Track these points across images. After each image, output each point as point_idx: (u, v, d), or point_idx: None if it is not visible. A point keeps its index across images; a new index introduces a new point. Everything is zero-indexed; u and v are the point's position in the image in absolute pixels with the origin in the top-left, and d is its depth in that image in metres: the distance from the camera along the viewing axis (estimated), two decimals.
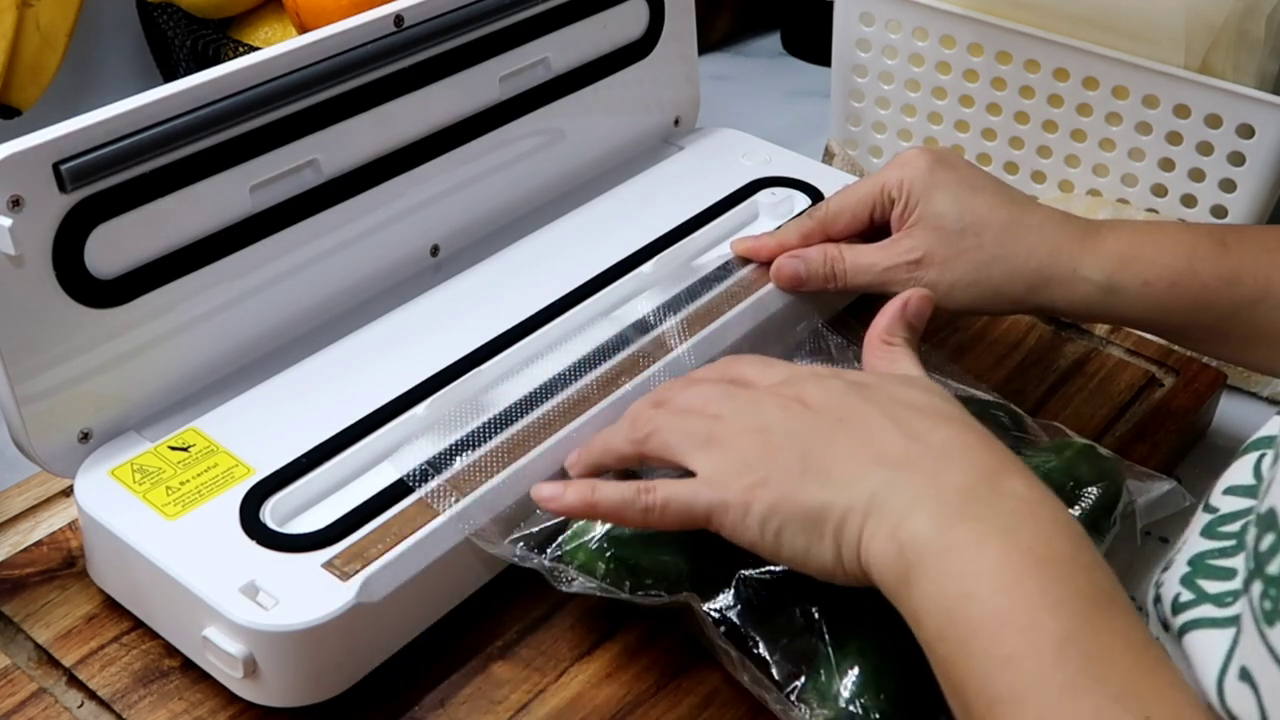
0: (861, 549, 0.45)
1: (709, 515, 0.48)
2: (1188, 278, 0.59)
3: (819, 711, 0.49)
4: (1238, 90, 0.76)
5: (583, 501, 0.51)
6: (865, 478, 0.46)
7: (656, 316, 0.64)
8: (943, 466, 0.46)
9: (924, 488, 0.45)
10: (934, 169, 0.63)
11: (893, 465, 0.46)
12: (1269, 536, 0.36)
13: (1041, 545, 0.42)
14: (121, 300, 0.56)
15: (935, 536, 0.43)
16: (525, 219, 0.72)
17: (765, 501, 0.47)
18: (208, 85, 0.56)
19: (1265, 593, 0.35)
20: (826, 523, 0.46)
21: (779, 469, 0.47)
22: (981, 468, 0.45)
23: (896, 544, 0.44)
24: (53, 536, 0.59)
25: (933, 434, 0.47)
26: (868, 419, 0.48)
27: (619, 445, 0.53)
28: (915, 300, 0.56)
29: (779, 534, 0.47)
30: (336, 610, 0.49)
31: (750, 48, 1.17)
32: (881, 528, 0.45)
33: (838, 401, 0.49)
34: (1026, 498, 0.44)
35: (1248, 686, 0.37)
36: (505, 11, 0.67)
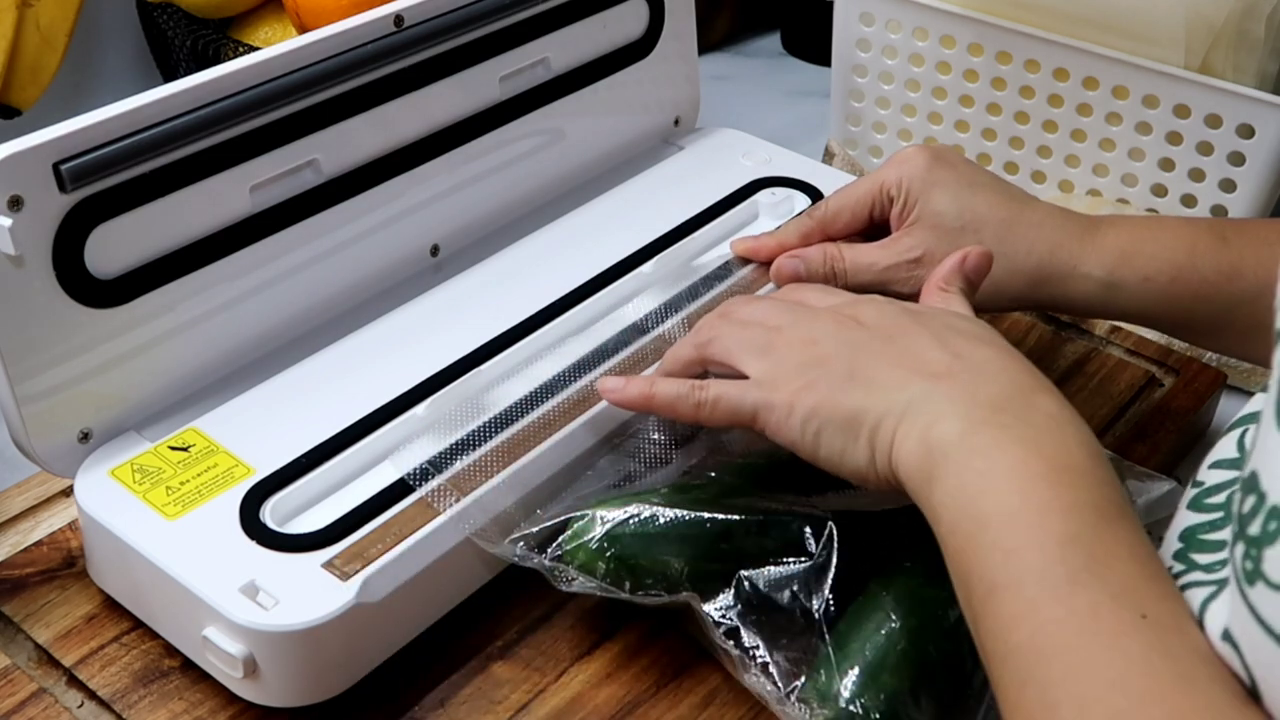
0: (893, 450, 0.47)
1: (755, 414, 0.51)
2: (1188, 272, 0.59)
3: (819, 711, 0.49)
4: (1238, 90, 0.76)
5: (641, 394, 0.54)
6: (904, 386, 0.48)
7: (656, 316, 0.64)
8: (979, 380, 0.48)
9: (958, 397, 0.47)
10: (933, 167, 0.63)
11: (932, 376, 0.48)
12: (1250, 498, 0.36)
13: (1061, 455, 0.44)
14: (121, 300, 0.56)
15: (961, 438, 0.45)
16: (525, 219, 0.72)
17: (808, 403, 0.49)
18: (208, 85, 0.56)
19: (1246, 553, 0.36)
20: (863, 425, 0.48)
21: (825, 375, 0.50)
22: (1016, 384, 0.47)
23: (924, 445, 0.46)
24: (53, 536, 0.59)
25: (974, 353, 0.49)
26: (916, 336, 0.50)
27: (684, 350, 0.56)
28: (975, 255, 0.57)
29: (818, 434, 0.49)
30: (336, 610, 0.49)
31: (750, 48, 1.17)
32: (913, 431, 0.47)
33: (890, 320, 0.52)
34: (1054, 414, 0.46)
35: (1229, 647, 0.37)
36: (505, 11, 0.67)
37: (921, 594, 0.51)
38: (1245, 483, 0.37)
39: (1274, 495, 0.35)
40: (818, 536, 0.52)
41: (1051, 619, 0.39)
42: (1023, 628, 0.40)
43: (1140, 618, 0.38)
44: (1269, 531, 0.35)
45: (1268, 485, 0.36)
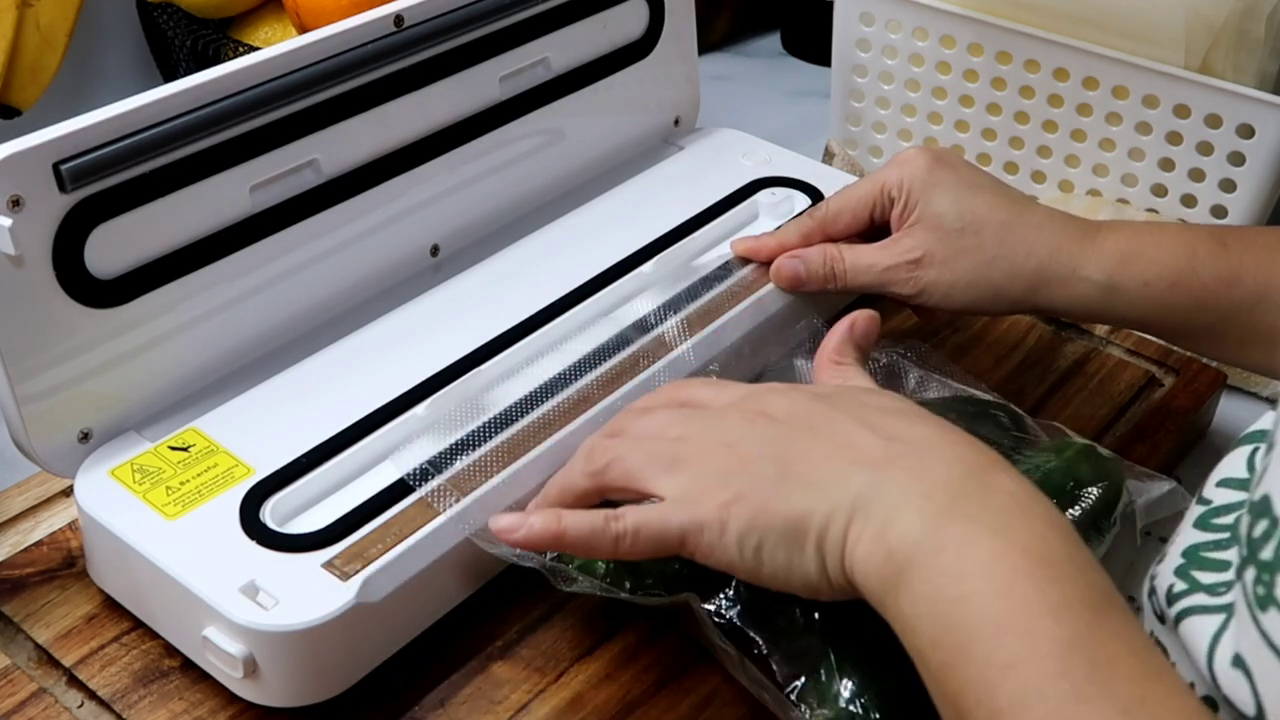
0: (846, 555, 0.43)
1: (683, 539, 0.46)
2: (1188, 277, 0.59)
3: (819, 711, 0.49)
4: (1238, 90, 0.76)
5: (548, 532, 0.48)
6: (847, 479, 0.44)
7: (657, 316, 0.64)
8: (927, 462, 0.44)
9: (910, 484, 0.43)
10: (933, 168, 0.63)
11: (874, 465, 0.44)
12: (1262, 523, 0.36)
13: (1037, 544, 0.41)
14: (121, 300, 0.56)
15: (925, 536, 0.42)
16: (525, 219, 0.72)
17: (742, 517, 0.45)
18: (208, 85, 0.56)
19: (1258, 578, 0.35)
20: (808, 532, 0.44)
21: (753, 480, 0.45)
22: (967, 463, 0.44)
23: (884, 546, 0.42)
24: (53, 536, 0.59)
25: (910, 431, 0.46)
26: (839, 423, 0.46)
27: (576, 481, 0.50)
28: (862, 321, 0.55)
29: (759, 550, 0.45)
30: (336, 610, 0.49)
31: (750, 48, 1.17)
32: (867, 530, 0.43)
33: (805, 410, 0.48)
34: (1016, 494, 0.43)
35: (1240, 672, 0.37)
36: (505, 11, 0.67)
37: None
38: (1255, 506, 0.37)
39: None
40: None
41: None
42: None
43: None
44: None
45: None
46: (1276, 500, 0.35)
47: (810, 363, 0.62)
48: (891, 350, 0.64)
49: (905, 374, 0.63)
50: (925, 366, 0.63)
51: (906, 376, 0.63)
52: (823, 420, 0.47)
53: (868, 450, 0.45)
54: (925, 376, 0.62)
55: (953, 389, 0.62)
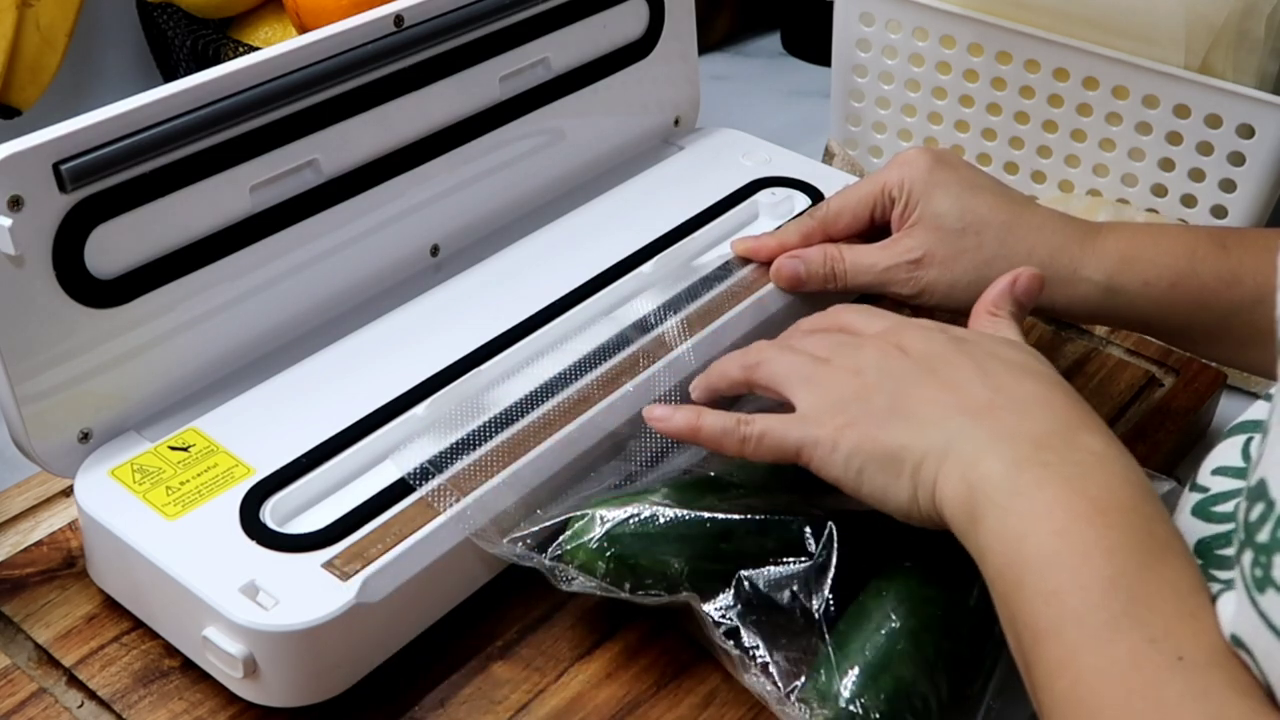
0: (936, 490, 0.47)
1: (799, 449, 0.50)
2: (1188, 278, 0.59)
3: (819, 711, 0.49)
4: (1238, 90, 0.76)
5: (688, 425, 0.53)
6: (946, 423, 0.48)
7: (657, 316, 0.64)
8: (1021, 416, 0.47)
9: (1000, 434, 0.47)
10: (934, 169, 0.63)
11: (974, 413, 0.48)
12: (1258, 506, 0.36)
13: (1105, 494, 0.43)
14: (121, 300, 0.56)
15: (1004, 478, 0.45)
16: (525, 219, 0.72)
17: (851, 440, 0.49)
18: (208, 85, 0.56)
19: (1255, 560, 0.36)
20: (905, 463, 0.48)
21: (867, 411, 0.50)
22: (1059, 420, 0.47)
23: (967, 484, 0.46)
24: (53, 536, 0.59)
25: (1018, 387, 0.49)
26: (958, 368, 0.50)
27: (732, 370, 0.56)
28: (1025, 278, 0.56)
29: (861, 471, 0.49)
30: (336, 610, 0.49)
31: (750, 48, 1.17)
32: (955, 470, 0.46)
33: (935, 350, 0.51)
34: (1099, 451, 0.46)
35: (1242, 652, 0.37)
36: (505, 11, 0.67)
37: (921, 594, 0.51)
38: (1252, 490, 0.37)
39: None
40: (818, 536, 0.52)
41: (1091, 668, 0.39)
42: (1065, 676, 0.40)
43: (1177, 660, 0.38)
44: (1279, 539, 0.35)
45: (1276, 494, 0.36)
46: (1273, 484, 0.36)
47: None
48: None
49: None
50: None
51: None
52: (944, 361, 0.50)
53: (973, 398, 0.48)
54: None
55: None
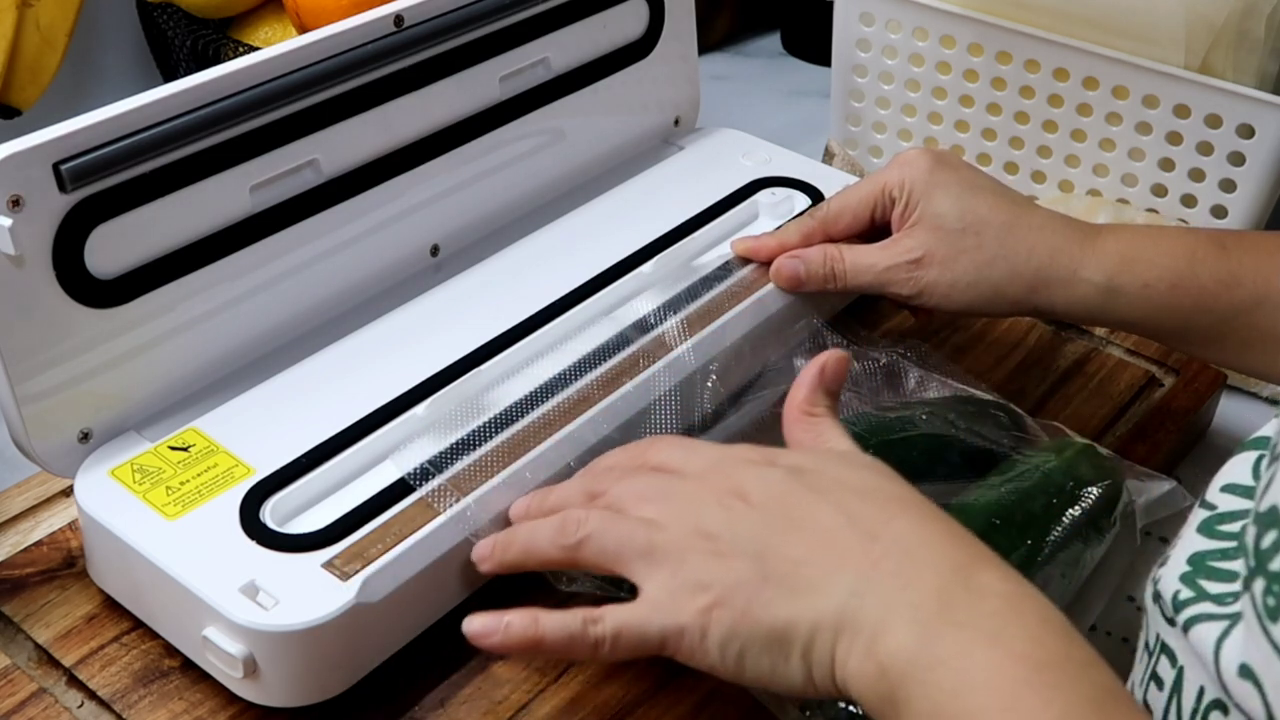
0: (836, 668, 0.42)
1: (663, 643, 0.45)
2: (1188, 280, 0.59)
3: (819, 712, 0.49)
4: (1238, 90, 0.76)
5: (526, 638, 0.46)
6: (830, 588, 0.43)
7: (656, 316, 0.64)
8: (909, 566, 0.43)
9: (894, 594, 0.42)
10: (935, 169, 0.63)
11: (856, 569, 0.43)
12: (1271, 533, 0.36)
13: (1034, 648, 0.40)
14: (121, 300, 0.56)
15: (918, 651, 0.40)
16: (525, 219, 0.72)
17: (724, 623, 0.44)
18: (208, 85, 0.56)
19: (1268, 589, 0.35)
20: (793, 642, 0.43)
21: (734, 583, 0.44)
22: (951, 562, 0.43)
23: (875, 663, 0.41)
24: (53, 536, 0.59)
25: (889, 527, 0.44)
26: (815, 511, 0.45)
27: (546, 550, 0.49)
28: (832, 364, 0.52)
29: (741, 657, 0.44)
30: (336, 610, 0.49)
31: (750, 48, 1.17)
32: (856, 645, 0.42)
33: (781, 492, 0.46)
34: (1005, 593, 0.42)
35: (1251, 684, 0.37)
36: (505, 11, 0.67)
37: None
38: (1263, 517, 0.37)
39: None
40: None
41: None
42: None
43: None
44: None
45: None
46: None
47: (805, 363, 0.62)
48: (891, 350, 0.64)
49: (905, 374, 0.63)
50: (925, 366, 0.63)
51: (906, 376, 0.63)
52: (802, 508, 0.45)
53: (849, 550, 0.44)
54: (925, 376, 0.63)
55: (953, 389, 0.62)
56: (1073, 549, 0.55)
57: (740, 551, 0.45)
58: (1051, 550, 0.54)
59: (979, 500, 0.55)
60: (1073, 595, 0.56)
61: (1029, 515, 0.55)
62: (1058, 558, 0.54)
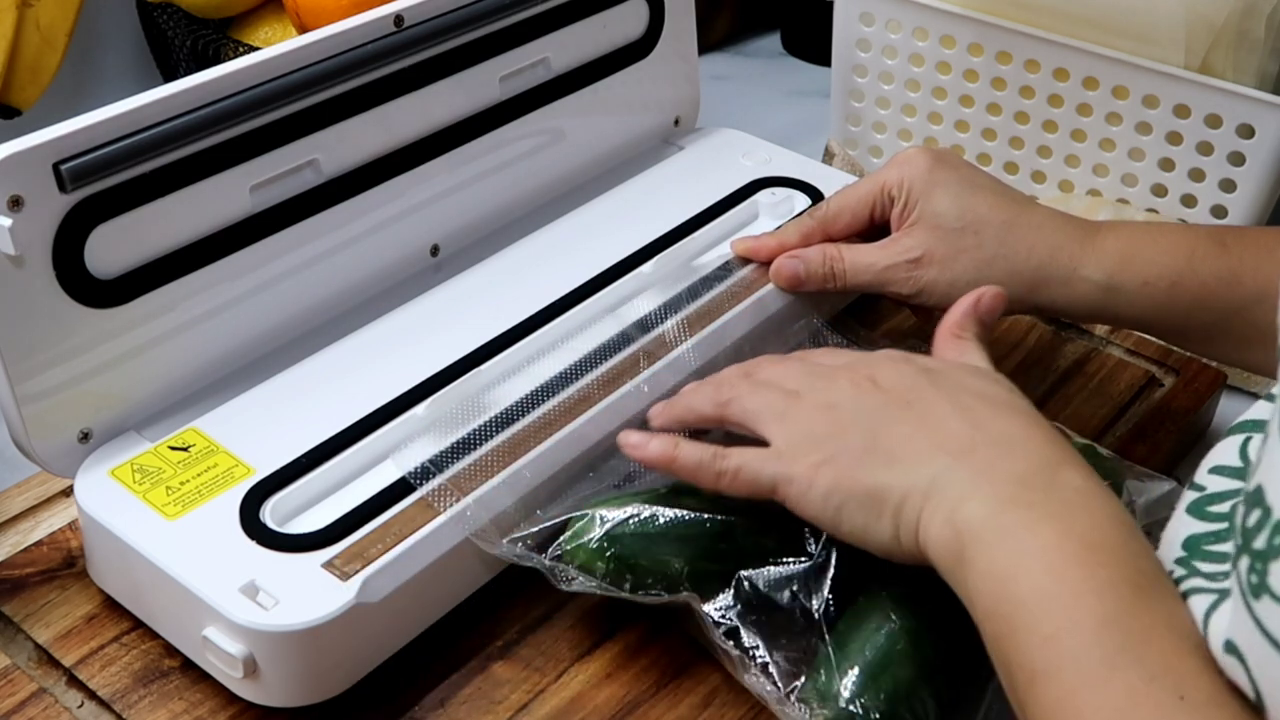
0: (920, 531, 0.46)
1: (775, 486, 0.50)
2: (1188, 277, 0.59)
3: (819, 711, 0.49)
4: (1238, 90, 0.76)
5: (664, 455, 0.52)
6: (927, 462, 0.47)
7: (657, 316, 0.64)
8: (1002, 455, 0.47)
9: (982, 474, 0.46)
10: (934, 168, 0.63)
11: (954, 452, 0.47)
12: (1256, 512, 0.36)
13: (1092, 532, 0.43)
14: (121, 300, 0.56)
15: (989, 519, 0.45)
16: (525, 219, 0.72)
17: (828, 478, 0.49)
18: (208, 85, 0.56)
19: (1252, 567, 0.36)
20: (886, 503, 0.47)
21: (844, 448, 0.49)
22: (1040, 458, 0.47)
23: (952, 527, 0.45)
24: (53, 536, 0.59)
25: (994, 423, 0.48)
26: (934, 403, 0.49)
27: (702, 405, 0.54)
28: (988, 297, 0.56)
29: (839, 510, 0.48)
30: (336, 610, 0.49)
31: (750, 48, 1.17)
32: (939, 511, 0.46)
33: (908, 384, 0.51)
34: (1081, 489, 0.45)
35: (1235, 659, 0.37)
36: (505, 11, 0.67)
37: (921, 594, 0.51)
38: (1250, 496, 0.37)
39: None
40: (818, 536, 0.52)
41: (1090, 707, 0.39)
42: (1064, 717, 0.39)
43: (1179, 699, 0.38)
44: (1275, 546, 0.35)
45: (1274, 500, 0.35)
46: (1270, 491, 0.36)
47: None
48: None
49: None
50: None
51: None
52: (919, 397, 0.50)
53: (951, 436, 0.48)
54: None
55: None
56: None
57: (857, 424, 0.50)
58: None
59: None
60: None
61: None
62: None
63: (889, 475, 0.48)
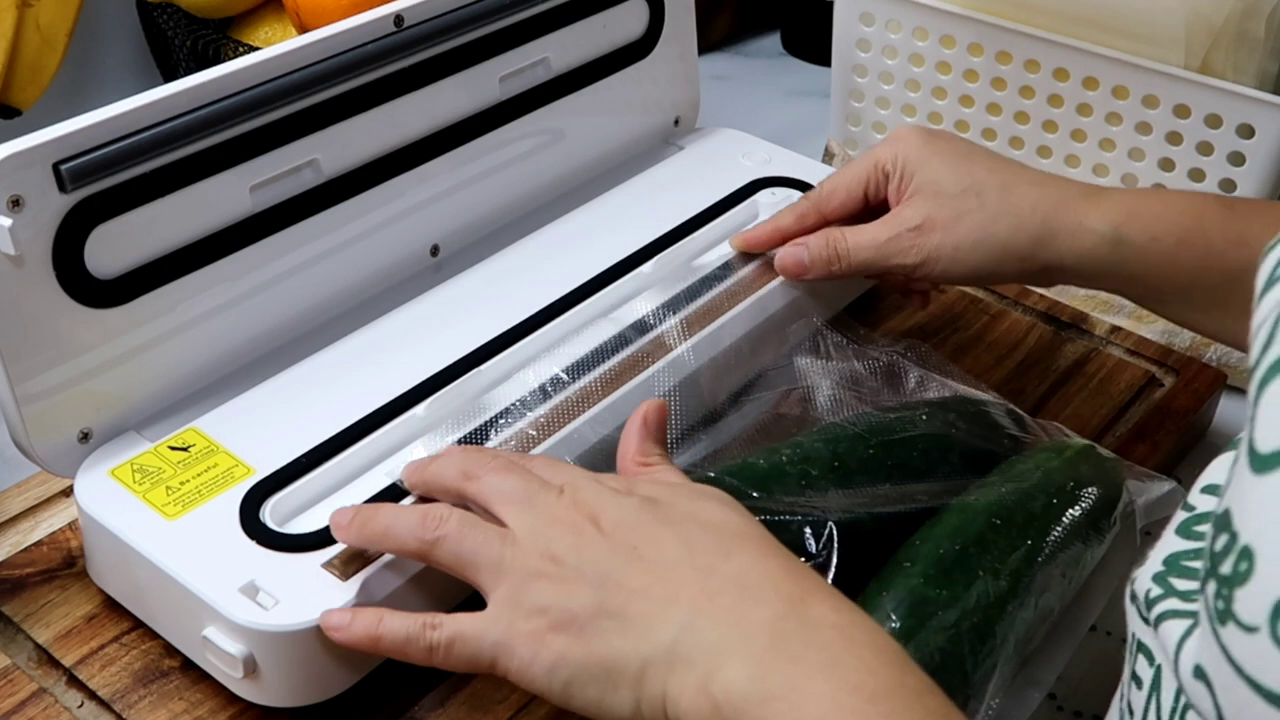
0: (668, 705, 0.42)
1: (494, 660, 0.45)
2: (1195, 235, 0.57)
3: None
4: (1238, 90, 0.76)
5: (367, 635, 0.47)
6: (664, 621, 0.43)
7: (656, 316, 0.64)
8: (744, 600, 0.42)
9: (728, 628, 0.42)
10: (928, 141, 0.63)
11: (690, 604, 0.43)
12: (1223, 537, 0.36)
13: (869, 678, 0.40)
14: (121, 300, 0.56)
15: (752, 684, 0.40)
16: (525, 219, 0.72)
17: (555, 650, 0.44)
18: (208, 85, 0.56)
19: (1218, 592, 0.35)
20: (623, 674, 0.43)
21: (570, 609, 0.44)
22: (785, 596, 0.42)
23: (709, 699, 0.41)
24: (53, 536, 0.59)
25: (727, 563, 0.44)
26: (661, 544, 0.45)
27: (405, 538, 0.49)
28: (652, 413, 0.52)
29: (568, 685, 0.44)
30: None
31: (750, 48, 1.17)
32: (689, 680, 0.41)
33: (631, 523, 0.46)
34: (839, 624, 0.42)
35: (1203, 685, 0.37)
36: (505, 11, 0.67)
37: (920, 595, 0.51)
38: (1218, 519, 0.36)
39: (1245, 535, 0.34)
40: (818, 537, 0.52)
41: None
42: None
43: None
44: (1239, 572, 0.34)
45: (1239, 525, 0.34)
46: (1236, 515, 0.35)
47: (810, 360, 0.62)
48: (891, 350, 0.64)
49: (905, 374, 0.63)
50: (925, 366, 0.63)
51: (906, 376, 0.63)
52: (648, 540, 0.45)
53: (686, 583, 0.43)
54: (925, 376, 0.62)
55: (953, 389, 0.62)
56: (1073, 549, 0.55)
57: (582, 578, 0.44)
58: (1051, 550, 0.54)
59: (979, 500, 0.55)
60: (1073, 595, 0.56)
61: (1029, 515, 0.55)
62: (1058, 558, 0.54)
63: (623, 641, 0.43)
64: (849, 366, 0.63)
